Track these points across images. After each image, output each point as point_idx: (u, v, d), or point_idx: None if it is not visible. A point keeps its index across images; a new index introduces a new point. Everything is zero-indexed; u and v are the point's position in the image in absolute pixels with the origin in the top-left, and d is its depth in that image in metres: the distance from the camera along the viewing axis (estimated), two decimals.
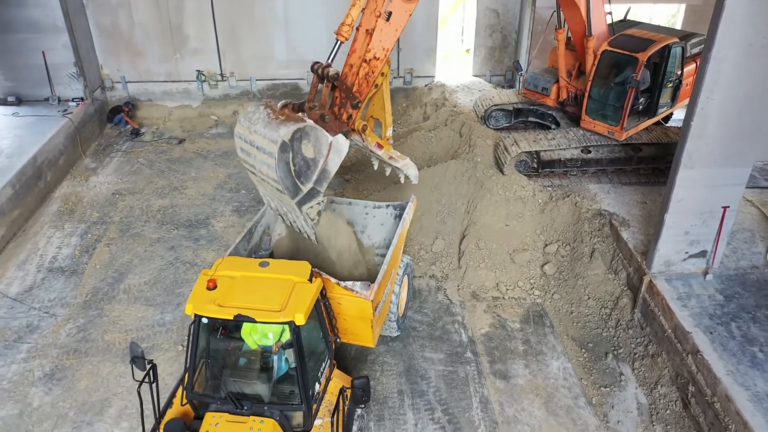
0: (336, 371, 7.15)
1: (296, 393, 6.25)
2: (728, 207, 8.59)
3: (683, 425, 8.02)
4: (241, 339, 6.53)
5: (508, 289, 10.53)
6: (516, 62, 14.16)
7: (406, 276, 9.48)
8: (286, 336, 6.26)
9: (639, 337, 9.21)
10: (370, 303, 7.49)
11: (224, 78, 16.91)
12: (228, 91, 17.09)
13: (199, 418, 6.31)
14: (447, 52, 19.78)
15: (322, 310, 6.84)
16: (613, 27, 12.07)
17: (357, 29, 8.26)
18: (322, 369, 6.74)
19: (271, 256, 8.78)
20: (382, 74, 8.69)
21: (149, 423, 6.39)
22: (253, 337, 6.46)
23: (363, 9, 8.10)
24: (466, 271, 10.77)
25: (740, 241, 9.93)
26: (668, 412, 8.23)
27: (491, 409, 8.40)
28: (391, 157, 9.15)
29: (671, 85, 11.71)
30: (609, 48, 11.42)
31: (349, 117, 8.25)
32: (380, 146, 9.14)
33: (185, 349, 6.37)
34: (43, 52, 14.77)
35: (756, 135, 8.08)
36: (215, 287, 6.38)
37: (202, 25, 16.13)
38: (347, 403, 7.00)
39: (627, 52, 11.18)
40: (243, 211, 12.69)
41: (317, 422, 6.52)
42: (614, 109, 11.51)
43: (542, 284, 10.58)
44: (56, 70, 15.03)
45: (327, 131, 7.76)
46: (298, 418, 6.35)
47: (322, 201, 8.13)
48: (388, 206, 9.72)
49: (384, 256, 8.53)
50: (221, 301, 6.21)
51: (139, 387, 6.21)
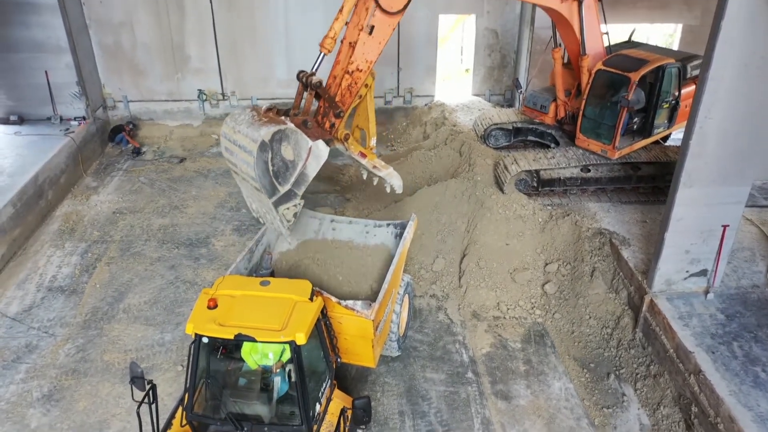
0: (336, 391, 7.10)
1: (296, 413, 6.20)
2: (728, 226, 8.60)
3: None
4: (241, 359, 6.50)
5: (508, 309, 10.50)
6: (516, 80, 14.31)
7: (406, 295, 9.47)
8: (287, 356, 6.23)
9: (641, 357, 9.16)
10: (371, 322, 7.47)
11: (225, 97, 17.03)
12: (229, 110, 17.16)
13: None
14: (447, 71, 19.94)
15: (323, 330, 6.82)
16: (611, 48, 12.18)
17: (342, 42, 8.56)
18: (322, 389, 6.70)
19: (272, 274, 8.77)
20: (366, 86, 9.04)
21: None
22: (253, 357, 6.43)
23: (347, 22, 8.45)
24: (467, 291, 10.75)
25: (741, 260, 9.92)
26: None
27: (493, 431, 8.33)
28: (375, 167, 9.44)
29: (667, 105, 11.75)
30: (603, 67, 11.54)
31: (332, 126, 8.67)
32: (363, 155, 9.46)
33: (185, 369, 6.33)
34: (45, 72, 14.90)
35: (754, 154, 8.12)
36: (216, 306, 6.37)
37: (203, 45, 16.30)
38: (348, 423, 6.93)
39: (620, 72, 11.28)
40: (243, 230, 12.69)
41: None
42: (607, 128, 11.58)
43: (543, 303, 10.55)
44: (59, 90, 15.15)
45: (308, 136, 8.09)
46: None
47: (299, 203, 8.39)
48: (388, 225, 9.72)
49: (384, 275, 8.53)
50: (222, 321, 6.19)
51: (139, 408, 6.16)
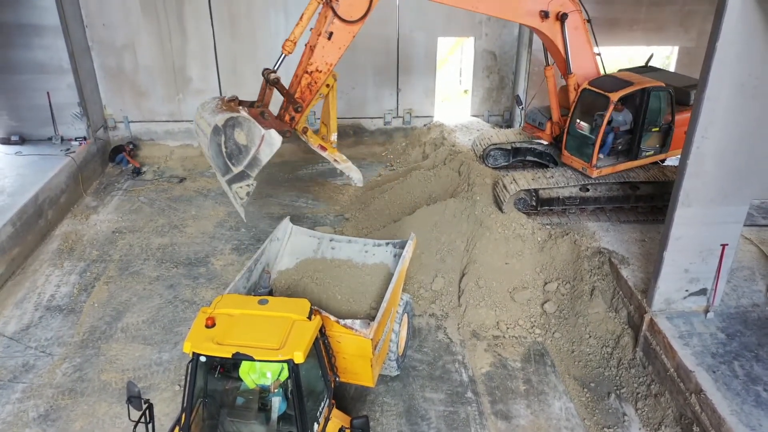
0: (335, 411, 7.05)
1: None
2: (727, 245, 8.61)
3: None
4: (239, 378, 6.47)
5: (508, 328, 10.46)
6: (517, 97, 14.46)
7: (405, 314, 9.44)
8: (285, 375, 6.20)
9: (641, 376, 9.11)
10: (370, 341, 7.44)
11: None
12: None
13: None
14: (446, 92, 20.10)
15: (321, 349, 6.79)
16: (605, 74, 12.29)
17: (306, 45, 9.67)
18: (320, 409, 6.65)
19: (271, 293, 8.75)
20: (328, 86, 10.18)
21: None
22: (251, 376, 6.40)
23: (312, 28, 9.53)
24: (466, 310, 10.72)
25: (740, 279, 9.92)
26: None
27: None
28: (335, 159, 10.52)
29: (656, 129, 11.71)
30: (588, 87, 11.67)
31: (292, 119, 9.80)
32: (323, 148, 10.51)
33: (183, 388, 6.30)
34: (47, 93, 15.01)
35: (752, 173, 8.16)
36: (214, 325, 6.36)
37: (204, 66, 16.45)
38: None
39: (601, 91, 11.39)
40: (243, 249, 12.70)
41: None
42: (589, 147, 11.64)
43: (543, 323, 10.51)
44: (60, 110, 15.24)
45: (263, 126, 9.06)
46: None
47: (252, 184, 9.44)
48: (387, 244, 9.73)
49: (383, 295, 8.51)
50: (220, 339, 6.17)
51: (135, 428, 6.13)
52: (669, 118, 11.68)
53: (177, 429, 6.42)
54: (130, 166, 16.20)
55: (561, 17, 11.30)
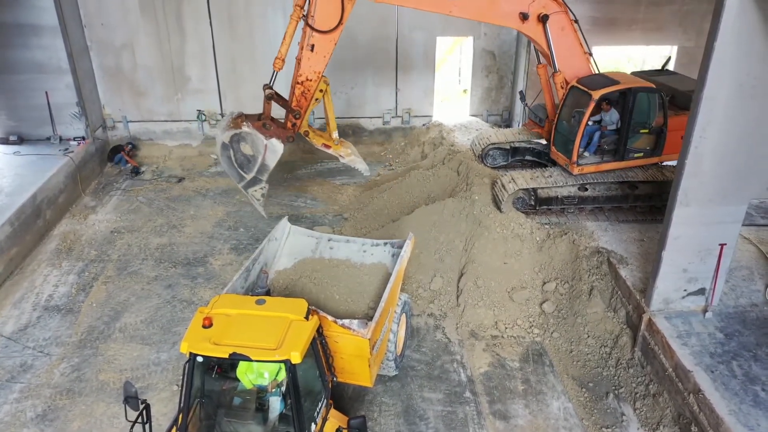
0: (332, 411, 7.03)
1: None
2: (725, 244, 8.60)
3: None
4: (236, 378, 6.45)
5: (507, 328, 10.45)
6: (521, 92, 14.52)
7: (404, 314, 9.43)
8: (282, 375, 6.19)
9: (640, 376, 9.10)
10: (368, 341, 7.43)
11: (224, 117, 17.09)
12: None
13: None
14: (445, 92, 20.10)
15: (319, 349, 6.78)
16: (597, 73, 12.25)
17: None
18: (318, 409, 6.64)
19: (268, 293, 8.75)
20: (321, 91, 11.09)
21: None
22: (248, 376, 6.38)
23: (299, 43, 10.43)
24: (465, 310, 10.71)
25: (739, 278, 9.91)
26: None
27: None
28: (340, 155, 11.76)
29: (645, 131, 11.61)
30: (575, 84, 11.68)
31: (294, 125, 10.98)
32: (327, 146, 11.73)
33: (180, 388, 6.29)
34: (46, 92, 15.00)
35: (750, 173, 8.14)
36: (211, 325, 6.35)
37: (203, 66, 16.45)
38: None
39: (586, 89, 11.38)
40: (241, 249, 12.69)
41: None
42: (572, 143, 11.63)
43: (541, 322, 10.51)
44: (59, 110, 15.24)
45: (266, 135, 10.76)
46: None
47: (265, 186, 11.41)
48: (386, 244, 9.71)
49: (382, 294, 8.50)
50: (217, 339, 6.16)
51: (132, 428, 6.11)
52: (661, 121, 11.52)
53: (174, 429, 6.41)
54: (129, 165, 16.20)
55: (542, 18, 11.33)
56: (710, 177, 8.08)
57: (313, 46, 10.33)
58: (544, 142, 13.31)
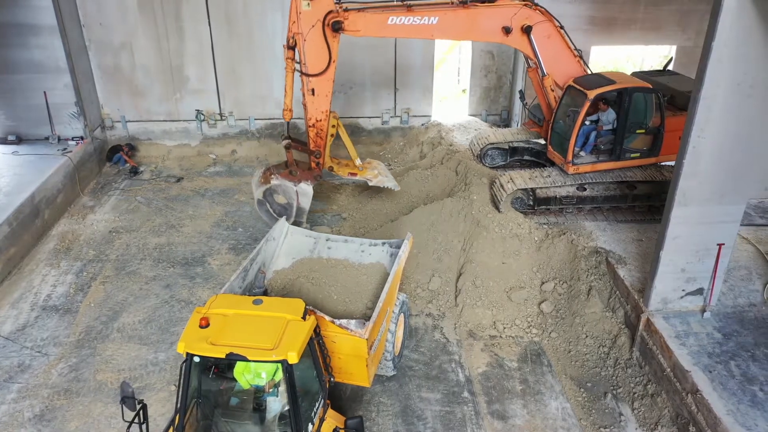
0: (330, 411, 7.02)
1: None
2: (723, 244, 8.59)
3: None
4: (233, 378, 6.45)
5: (505, 328, 10.44)
6: (520, 92, 14.56)
7: (402, 314, 9.42)
8: (279, 375, 6.18)
9: (638, 376, 9.10)
10: (365, 341, 7.42)
11: (223, 117, 17.13)
12: (227, 131, 17.28)
13: None
14: (443, 92, 20.10)
15: (316, 349, 6.77)
16: (594, 72, 12.26)
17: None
18: (315, 409, 6.63)
19: (265, 293, 8.73)
20: (333, 126, 11.65)
21: None
22: (245, 376, 6.38)
23: (301, 90, 10.95)
24: (463, 309, 10.71)
25: (737, 278, 9.90)
26: None
27: None
28: (368, 179, 12.19)
29: (641, 131, 11.58)
30: (572, 84, 11.70)
31: (318, 164, 11.57)
32: (353, 174, 12.22)
33: (177, 388, 6.28)
34: (44, 92, 14.99)
35: (748, 172, 8.14)
36: (208, 325, 6.34)
37: (202, 66, 16.43)
38: None
39: (582, 89, 11.39)
40: (239, 249, 12.68)
41: None
42: (567, 142, 11.63)
43: (539, 322, 10.50)
44: (57, 110, 15.23)
45: (294, 182, 11.42)
46: None
47: (306, 226, 11.63)
48: (384, 244, 9.70)
49: (379, 294, 8.49)
50: (214, 340, 6.15)
51: (128, 428, 6.10)
52: (658, 122, 11.51)
53: (171, 429, 6.40)
54: (128, 165, 16.19)
55: (525, 29, 11.40)
56: (708, 177, 8.08)
57: (313, 90, 10.83)
58: (542, 141, 13.31)
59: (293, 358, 5.95)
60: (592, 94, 11.13)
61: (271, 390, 6.33)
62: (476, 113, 17.77)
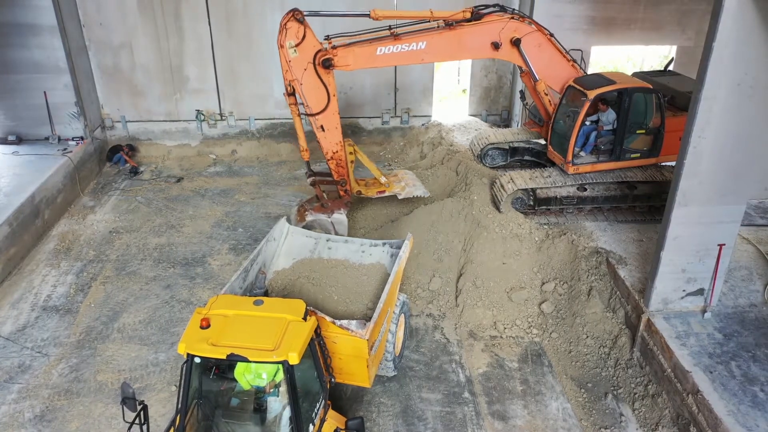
0: (331, 412, 7.02)
1: None
2: (724, 245, 8.59)
3: None
4: (234, 379, 6.45)
5: (505, 328, 10.44)
6: (521, 92, 14.58)
7: (402, 315, 9.42)
8: (280, 376, 6.18)
9: (638, 376, 9.10)
10: (366, 342, 7.42)
11: (223, 117, 17.13)
12: (227, 131, 17.28)
13: None
14: (443, 92, 20.09)
15: (317, 349, 6.77)
16: (595, 73, 12.27)
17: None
18: (316, 410, 6.63)
19: (266, 294, 8.74)
20: (351, 153, 11.89)
21: None
22: (246, 377, 6.38)
23: (311, 128, 11.08)
24: (464, 310, 10.70)
25: (737, 279, 9.90)
26: None
27: None
28: (397, 194, 12.20)
29: (642, 132, 11.58)
30: (572, 84, 11.71)
31: (345, 191, 11.78)
32: (382, 192, 12.27)
33: (178, 389, 6.28)
34: (44, 92, 14.99)
35: (749, 173, 8.14)
36: (208, 326, 6.34)
37: (202, 66, 16.43)
38: None
39: (582, 89, 11.39)
40: (240, 249, 12.67)
41: None
42: (568, 143, 11.63)
43: (540, 323, 10.50)
44: (57, 110, 15.23)
45: (327, 214, 11.52)
46: None
47: None
48: (384, 244, 9.70)
49: (380, 295, 8.49)
50: (214, 340, 6.15)
51: (129, 429, 6.10)
52: (658, 122, 11.49)
53: (172, 430, 6.40)
54: (128, 165, 16.19)
55: (515, 42, 11.42)
56: (709, 177, 8.07)
57: (322, 126, 10.99)
58: (543, 142, 13.30)
59: (294, 359, 5.95)
60: (592, 94, 11.13)
61: (271, 391, 6.33)
62: (476, 113, 17.77)
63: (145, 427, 6.23)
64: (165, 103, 16.84)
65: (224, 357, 6.00)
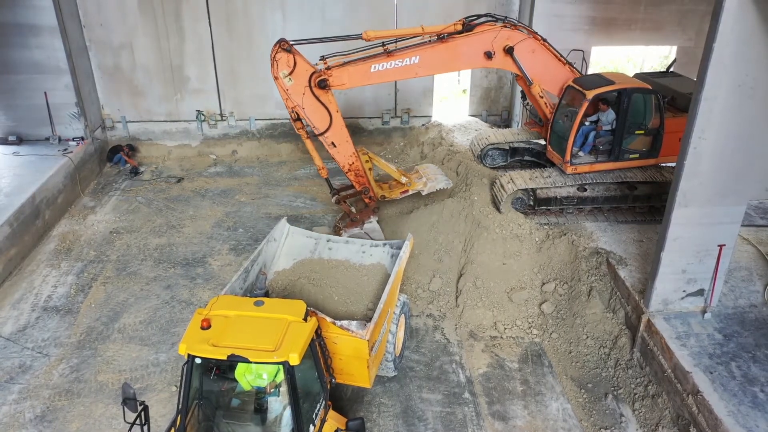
0: (331, 412, 7.03)
1: None
2: (724, 245, 8.59)
3: None
4: (234, 380, 6.45)
5: (506, 328, 10.45)
6: (522, 92, 14.58)
7: (403, 315, 9.43)
8: (281, 376, 6.19)
9: (639, 377, 9.10)
10: (366, 342, 7.42)
11: (223, 117, 17.13)
12: (227, 131, 17.28)
13: None
14: (444, 92, 20.09)
15: (317, 350, 6.77)
16: (594, 73, 12.28)
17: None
18: (316, 410, 6.64)
19: (267, 294, 8.74)
20: (367, 161, 12.05)
21: None
22: (247, 377, 6.38)
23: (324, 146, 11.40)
24: (464, 310, 10.71)
25: (738, 279, 9.90)
26: None
27: None
28: (420, 191, 12.16)
29: (641, 132, 11.58)
30: (571, 84, 11.73)
31: (370, 198, 12.06)
32: (405, 191, 12.33)
33: (178, 389, 6.28)
34: (45, 93, 14.99)
35: (749, 173, 8.14)
36: (209, 327, 6.35)
37: (202, 66, 16.43)
38: None
39: (581, 89, 11.40)
40: (240, 249, 12.68)
41: None
42: (567, 143, 11.63)
43: (540, 323, 10.50)
44: (57, 110, 15.22)
45: (359, 226, 12.01)
46: None
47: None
48: (384, 245, 9.71)
49: (380, 295, 8.49)
50: (215, 341, 6.16)
51: (130, 429, 6.10)
52: (657, 123, 11.48)
53: (172, 431, 6.41)
54: (128, 166, 16.19)
55: (508, 50, 11.44)
56: (709, 178, 8.08)
57: (333, 143, 11.28)
58: (543, 142, 13.32)
59: (294, 360, 5.96)
60: (590, 94, 11.14)
61: (272, 391, 6.33)
62: (477, 113, 17.76)
63: (145, 428, 6.23)
64: (165, 103, 16.84)
65: (225, 357, 6.01)
